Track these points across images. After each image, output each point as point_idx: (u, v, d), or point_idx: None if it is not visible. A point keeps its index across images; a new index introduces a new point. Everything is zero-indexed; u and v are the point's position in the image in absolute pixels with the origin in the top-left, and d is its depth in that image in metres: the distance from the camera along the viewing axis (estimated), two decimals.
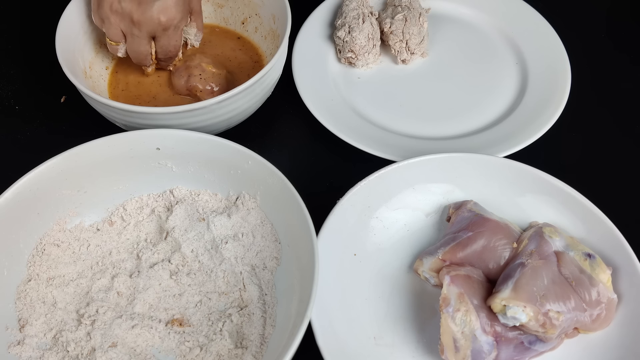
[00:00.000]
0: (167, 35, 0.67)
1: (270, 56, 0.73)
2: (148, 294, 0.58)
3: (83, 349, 0.55)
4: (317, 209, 0.58)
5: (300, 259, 0.55)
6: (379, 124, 0.73)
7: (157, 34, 0.67)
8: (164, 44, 0.68)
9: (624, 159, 0.72)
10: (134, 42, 0.67)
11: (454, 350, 0.52)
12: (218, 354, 0.55)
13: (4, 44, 0.82)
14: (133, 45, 0.67)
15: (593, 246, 0.59)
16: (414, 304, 0.59)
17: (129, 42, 0.67)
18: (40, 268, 0.58)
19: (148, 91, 0.73)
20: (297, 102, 0.73)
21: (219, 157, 0.61)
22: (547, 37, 0.79)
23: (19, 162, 0.61)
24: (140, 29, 0.65)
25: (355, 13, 0.78)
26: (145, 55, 0.69)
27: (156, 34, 0.67)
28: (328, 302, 0.56)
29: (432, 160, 0.62)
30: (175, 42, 0.69)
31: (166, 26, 0.66)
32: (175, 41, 0.69)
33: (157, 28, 0.65)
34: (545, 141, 0.69)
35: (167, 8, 0.64)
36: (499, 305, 0.52)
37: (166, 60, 0.71)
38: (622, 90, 0.79)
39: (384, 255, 0.62)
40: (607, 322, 0.55)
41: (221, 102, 0.61)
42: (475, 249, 0.57)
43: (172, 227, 0.61)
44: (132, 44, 0.67)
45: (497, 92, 0.77)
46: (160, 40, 0.68)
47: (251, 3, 0.76)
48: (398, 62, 0.80)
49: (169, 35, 0.67)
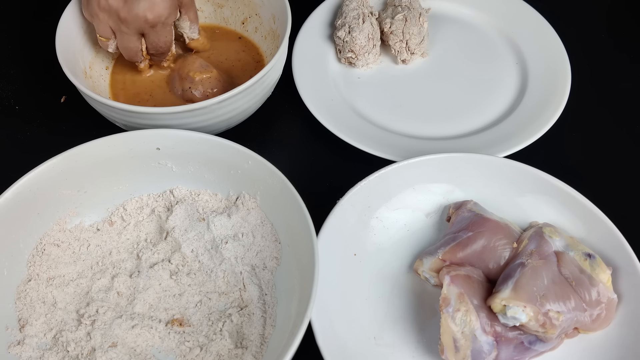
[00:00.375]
0: (156, 31, 0.67)
1: (270, 56, 0.73)
2: (148, 294, 0.58)
3: (83, 349, 0.55)
4: (317, 209, 0.58)
5: (300, 259, 0.55)
6: (379, 124, 0.73)
7: (145, 31, 0.66)
8: (153, 40, 0.68)
9: (624, 159, 0.72)
10: (123, 39, 0.67)
11: (454, 350, 0.52)
12: (218, 354, 0.55)
13: (4, 44, 0.82)
14: (122, 41, 0.67)
15: (593, 246, 0.59)
16: (414, 304, 0.59)
17: (119, 39, 0.67)
18: (40, 268, 0.58)
19: (145, 89, 0.73)
20: (297, 102, 0.73)
21: (219, 157, 0.61)
22: (547, 37, 0.79)
23: (19, 162, 0.61)
24: (127, 27, 0.65)
25: (355, 13, 0.78)
26: (136, 52, 0.68)
27: (144, 31, 0.66)
28: (328, 302, 0.56)
29: (432, 160, 0.62)
30: (165, 37, 0.68)
31: (154, 23, 0.65)
32: (165, 37, 0.68)
33: (145, 25, 0.65)
34: (545, 141, 0.69)
35: (154, 5, 0.64)
36: (499, 305, 0.52)
37: (158, 56, 0.71)
38: (622, 90, 0.79)
39: (384, 255, 0.62)
40: (607, 322, 0.55)
41: (221, 102, 0.61)
42: (475, 249, 0.57)
43: (172, 227, 0.61)
44: (122, 40, 0.67)
45: (497, 92, 0.77)
46: (150, 37, 0.67)
47: (251, 3, 0.76)
48: (398, 62, 0.80)
49: (158, 31, 0.67)
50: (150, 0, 0.63)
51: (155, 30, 0.66)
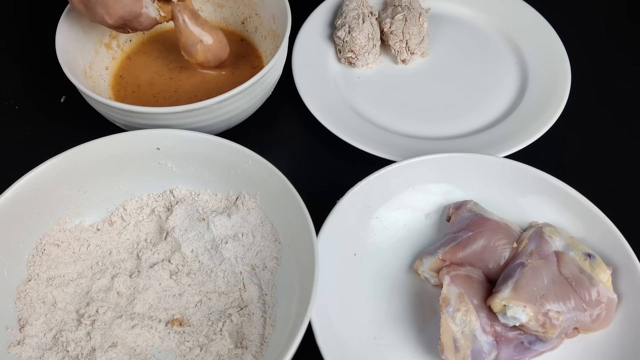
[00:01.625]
0: (132, 24, 0.63)
1: (270, 56, 0.73)
2: (148, 294, 0.58)
3: (83, 349, 0.55)
4: (317, 209, 0.58)
5: (300, 259, 0.55)
6: (379, 124, 0.73)
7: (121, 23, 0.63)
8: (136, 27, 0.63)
9: (624, 159, 0.72)
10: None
11: (454, 350, 0.52)
12: (218, 354, 0.55)
13: (4, 44, 0.82)
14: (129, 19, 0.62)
15: (593, 246, 0.59)
16: (414, 304, 0.59)
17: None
18: (40, 268, 0.58)
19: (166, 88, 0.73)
20: (297, 102, 0.73)
21: (219, 157, 0.61)
22: (547, 37, 0.79)
23: (19, 162, 0.61)
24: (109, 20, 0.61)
25: (355, 13, 0.78)
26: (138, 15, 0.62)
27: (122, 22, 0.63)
28: (328, 302, 0.56)
29: (432, 160, 0.62)
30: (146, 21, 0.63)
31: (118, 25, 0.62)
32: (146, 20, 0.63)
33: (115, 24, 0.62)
34: (545, 141, 0.69)
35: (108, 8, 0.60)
36: (499, 305, 0.52)
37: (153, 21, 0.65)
38: (622, 90, 0.79)
39: (384, 255, 0.62)
40: (607, 322, 0.55)
41: (221, 102, 0.61)
42: (475, 249, 0.57)
43: (172, 227, 0.61)
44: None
45: (497, 92, 0.77)
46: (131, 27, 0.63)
47: (251, 3, 0.76)
48: (398, 62, 0.80)
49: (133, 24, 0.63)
50: (104, 5, 0.59)
51: (130, 24, 0.62)
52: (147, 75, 0.74)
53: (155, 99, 0.72)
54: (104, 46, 0.74)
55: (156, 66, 0.75)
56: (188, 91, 0.72)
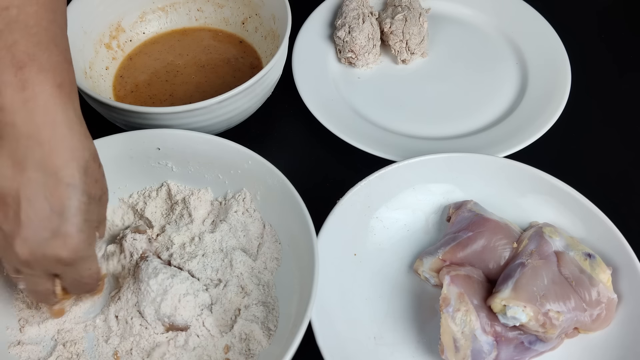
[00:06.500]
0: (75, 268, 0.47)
1: (270, 56, 0.73)
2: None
3: (83, 349, 0.55)
4: (317, 209, 0.58)
5: (300, 259, 0.55)
6: (379, 124, 0.73)
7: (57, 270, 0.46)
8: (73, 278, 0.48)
9: (624, 159, 0.72)
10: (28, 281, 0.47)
11: (454, 350, 0.52)
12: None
13: None
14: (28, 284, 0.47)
15: (593, 246, 0.59)
16: (414, 304, 0.59)
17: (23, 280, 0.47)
18: None
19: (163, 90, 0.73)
20: (297, 102, 0.73)
21: (219, 157, 0.61)
22: (547, 37, 0.79)
23: None
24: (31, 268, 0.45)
25: (355, 13, 0.78)
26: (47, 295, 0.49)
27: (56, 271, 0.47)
28: (328, 302, 0.56)
29: (432, 160, 0.62)
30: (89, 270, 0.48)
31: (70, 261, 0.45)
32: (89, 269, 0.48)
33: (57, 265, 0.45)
34: (545, 141, 0.69)
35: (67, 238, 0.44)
36: (499, 305, 0.52)
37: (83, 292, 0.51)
38: (622, 90, 0.79)
39: (384, 255, 0.62)
40: (607, 322, 0.55)
41: (221, 102, 0.61)
42: (475, 249, 0.57)
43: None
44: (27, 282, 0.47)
45: (497, 92, 0.77)
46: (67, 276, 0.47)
47: (251, 3, 0.76)
48: (398, 62, 0.80)
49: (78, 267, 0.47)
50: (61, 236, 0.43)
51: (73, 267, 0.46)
52: (146, 76, 0.74)
53: (151, 100, 0.72)
54: (104, 46, 0.74)
55: (155, 67, 0.75)
56: (185, 91, 0.73)
